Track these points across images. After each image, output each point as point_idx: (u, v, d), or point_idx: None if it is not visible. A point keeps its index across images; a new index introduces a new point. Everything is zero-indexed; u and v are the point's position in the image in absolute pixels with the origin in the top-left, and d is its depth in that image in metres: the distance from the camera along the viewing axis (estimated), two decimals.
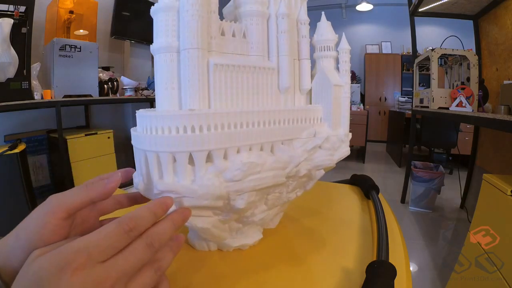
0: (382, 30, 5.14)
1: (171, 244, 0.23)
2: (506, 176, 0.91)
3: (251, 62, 0.32)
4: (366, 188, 0.53)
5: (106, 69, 2.29)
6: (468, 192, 2.07)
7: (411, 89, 2.34)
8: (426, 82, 2.27)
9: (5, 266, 0.20)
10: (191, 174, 0.27)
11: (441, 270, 1.39)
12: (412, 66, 2.18)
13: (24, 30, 1.54)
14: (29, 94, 1.59)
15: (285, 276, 0.31)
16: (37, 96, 1.69)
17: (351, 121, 0.39)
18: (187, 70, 0.28)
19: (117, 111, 2.69)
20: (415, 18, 2.14)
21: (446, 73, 1.98)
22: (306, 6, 0.37)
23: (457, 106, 1.61)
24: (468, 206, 2.03)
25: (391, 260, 0.30)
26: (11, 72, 1.50)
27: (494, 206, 0.89)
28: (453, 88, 1.75)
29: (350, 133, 0.39)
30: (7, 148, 1.40)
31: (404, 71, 4.91)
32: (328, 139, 0.36)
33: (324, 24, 0.38)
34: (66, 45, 1.77)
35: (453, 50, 1.71)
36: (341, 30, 0.39)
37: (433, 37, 4.10)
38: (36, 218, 0.21)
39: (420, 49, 3.15)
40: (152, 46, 0.29)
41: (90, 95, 1.97)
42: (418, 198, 2.07)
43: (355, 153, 3.74)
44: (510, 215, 0.80)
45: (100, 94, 2.06)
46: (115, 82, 2.20)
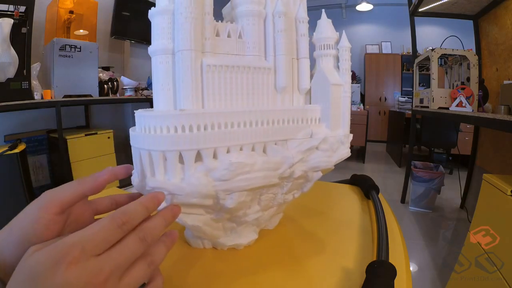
0: (382, 30, 5.13)
1: (165, 239, 0.24)
2: (506, 176, 0.91)
3: (246, 62, 0.32)
4: (366, 188, 0.53)
5: (106, 69, 2.29)
6: (468, 192, 2.07)
7: (411, 89, 2.34)
8: (426, 82, 2.27)
9: None
10: (181, 173, 0.28)
11: (441, 270, 1.39)
12: (412, 66, 2.18)
13: (24, 30, 1.54)
14: (29, 94, 1.59)
15: (284, 275, 0.31)
16: (37, 96, 1.69)
17: (351, 121, 0.37)
18: (181, 71, 0.29)
19: (117, 111, 2.69)
20: (415, 18, 2.14)
21: (446, 73, 1.98)
22: (306, 4, 0.36)
23: (457, 106, 1.61)
24: (468, 206, 2.03)
25: (391, 260, 0.30)
26: (11, 72, 1.50)
27: (494, 206, 0.89)
28: (453, 88, 1.75)
29: (351, 134, 0.38)
30: (7, 148, 1.40)
31: (404, 71, 4.91)
32: (325, 140, 0.35)
33: (324, 22, 0.37)
34: (66, 45, 1.77)
35: (453, 50, 1.71)
36: (341, 30, 0.38)
37: (433, 37, 4.09)
38: (29, 213, 0.21)
39: (420, 49, 3.15)
40: (149, 48, 0.30)
41: (90, 95, 1.97)
42: (418, 198, 2.07)
43: (355, 153, 3.74)
44: (510, 215, 0.80)
45: (100, 94, 2.06)
46: (115, 82, 2.20)
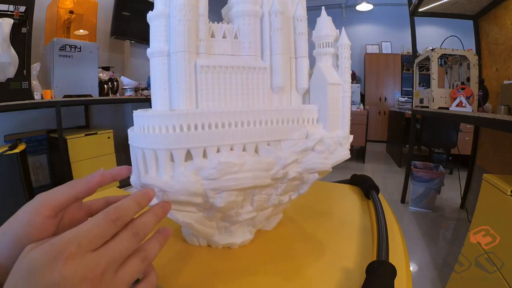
0: (382, 30, 5.13)
1: (158, 236, 0.24)
2: (506, 176, 0.90)
3: (241, 62, 0.32)
4: (366, 188, 0.53)
5: (106, 69, 2.29)
6: (468, 192, 2.07)
7: (411, 89, 2.34)
8: (426, 82, 2.27)
9: None
10: (171, 170, 0.29)
11: (441, 270, 1.39)
12: (412, 66, 2.18)
13: (24, 30, 1.54)
14: (29, 94, 1.59)
15: (283, 275, 0.31)
16: (37, 96, 1.69)
17: (351, 121, 0.36)
18: (175, 72, 0.30)
19: (117, 111, 2.68)
20: (415, 18, 2.14)
21: (446, 73, 1.98)
22: (305, 3, 0.36)
23: (457, 106, 1.61)
24: (468, 206, 2.03)
25: (391, 260, 0.30)
26: (11, 72, 1.49)
27: (494, 206, 0.89)
28: (453, 88, 1.75)
29: (351, 135, 0.37)
30: (7, 148, 1.40)
31: (404, 71, 4.91)
32: (322, 141, 0.34)
33: (323, 19, 0.37)
34: (66, 45, 1.77)
35: (453, 50, 1.71)
36: (341, 29, 0.38)
37: (433, 37, 4.09)
38: (22, 216, 0.22)
39: (420, 49, 3.15)
40: (147, 50, 0.31)
41: (90, 95, 1.97)
42: (418, 198, 2.07)
43: (355, 153, 3.74)
44: (510, 215, 0.80)
45: (100, 94, 2.06)
46: (115, 82, 2.20)
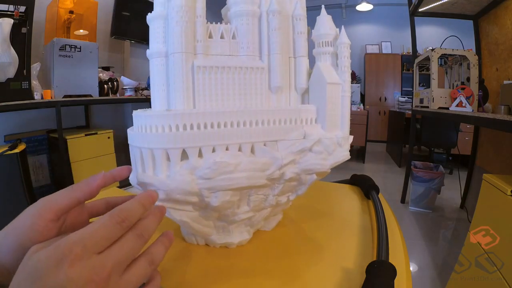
0: (382, 30, 5.13)
1: (163, 239, 0.24)
2: (506, 176, 0.90)
3: (239, 62, 0.32)
4: (366, 188, 0.53)
5: (106, 69, 2.29)
6: (468, 192, 2.07)
7: (411, 89, 2.34)
8: (426, 82, 2.26)
9: None
10: (167, 170, 0.29)
11: (441, 270, 1.39)
12: (412, 66, 2.18)
13: (24, 30, 1.53)
14: (29, 94, 1.59)
15: (282, 275, 0.31)
16: (37, 96, 1.69)
17: (351, 121, 0.36)
18: (173, 73, 0.30)
19: (117, 111, 2.68)
20: (415, 18, 2.14)
21: (446, 73, 1.98)
22: (304, 2, 0.35)
23: (457, 106, 1.61)
24: (468, 206, 2.03)
25: (391, 260, 0.30)
26: (11, 72, 1.49)
27: (494, 206, 0.89)
28: (453, 88, 1.75)
29: (351, 135, 0.36)
30: (7, 148, 1.39)
31: (404, 71, 4.90)
32: (320, 142, 0.34)
33: (323, 18, 0.36)
34: (66, 45, 1.77)
35: (453, 50, 1.71)
36: (340, 28, 0.37)
37: (433, 37, 4.09)
38: (24, 219, 0.22)
39: (420, 49, 3.15)
40: (147, 52, 0.32)
41: (90, 95, 1.97)
42: (418, 198, 2.07)
43: (355, 153, 3.74)
44: (510, 215, 0.80)
45: (100, 94, 2.06)
46: (115, 82, 2.20)
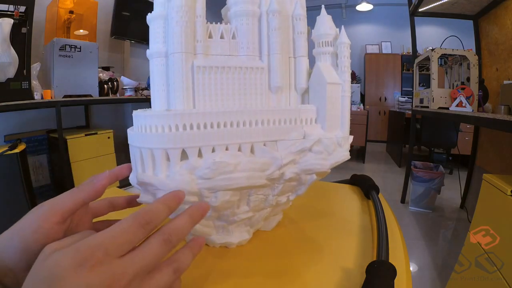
0: (382, 30, 5.13)
1: (192, 245, 0.23)
2: (506, 176, 0.91)
3: (238, 62, 0.32)
4: (366, 188, 0.53)
5: (106, 69, 2.29)
6: (468, 192, 2.07)
7: (411, 89, 2.34)
8: (426, 82, 2.27)
9: None
10: (167, 169, 0.29)
11: (441, 270, 1.39)
12: (412, 66, 2.18)
13: (24, 30, 1.54)
14: (29, 94, 1.59)
15: (282, 275, 0.31)
16: (37, 96, 1.69)
17: (351, 121, 0.36)
18: (172, 73, 0.30)
19: (117, 111, 2.68)
20: (415, 18, 2.14)
21: (446, 73, 1.98)
22: (304, 2, 0.35)
23: (457, 106, 1.61)
24: (468, 206, 2.03)
25: (391, 260, 0.30)
26: (11, 72, 1.49)
27: (494, 206, 0.89)
28: (453, 88, 1.75)
29: (351, 135, 0.36)
30: (7, 148, 1.40)
31: (404, 71, 4.91)
32: (320, 142, 0.34)
33: (323, 18, 0.36)
34: (66, 45, 1.77)
35: (453, 50, 1.71)
36: (340, 28, 0.37)
37: (433, 37, 4.09)
38: (30, 222, 0.21)
39: (420, 49, 3.15)
40: (147, 52, 0.32)
41: (90, 95, 1.97)
42: (418, 198, 2.07)
43: (355, 153, 3.74)
44: (510, 215, 0.80)
45: (100, 94, 2.06)
46: (115, 82, 2.20)
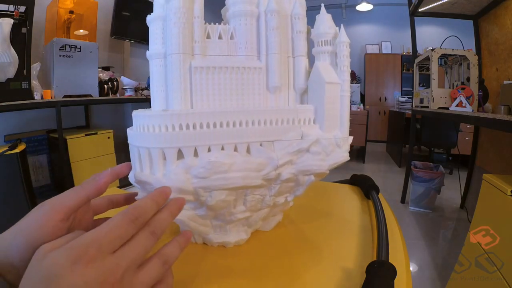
0: (382, 30, 5.13)
1: (179, 239, 0.24)
2: (506, 176, 0.90)
3: (236, 62, 0.32)
4: (366, 188, 0.53)
5: (106, 69, 2.29)
6: (468, 192, 2.07)
7: (411, 89, 2.34)
8: (426, 82, 2.26)
9: (2, 261, 0.20)
10: (164, 168, 0.29)
11: (441, 270, 1.39)
12: (412, 66, 2.18)
13: (24, 30, 1.54)
14: (29, 94, 1.59)
15: (282, 275, 0.31)
16: (37, 96, 1.69)
17: (351, 121, 0.36)
18: (171, 73, 0.30)
19: (117, 111, 2.68)
20: (415, 18, 2.14)
21: (446, 73, 1.98)
22: (304, 1, 0.35)
23: (457, 106, 1.61)
24: (468, 206, 2.03)
25: (391, 260, 0.30)
26: (11, 72, 1.49)
27: (494, 206, 0.89)
28: (453, 88, 1.75)
29: (351, 136, 0.36)
30: (7, 148, 1.40)
31: (404, 71, 4.91)
32: (317, 142, 0.33)
33: (322, 17, 0.36)
34: (66, 45, 1.77)
35: (453, 50, 1.71)
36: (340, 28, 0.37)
37: (433, 37, 4.09)
38: (34, 219, 0.22)
39: (420, 49, 3.15)
40: (147, 53, 0.32)
41: (90, 95, 1.97)
42: (418, 198, 2.07)
43: (355, 153, 3.74)
44: (510, 215, 0.80)
45: (100, 94, 2.06)
46: (115, 82, 2.20)
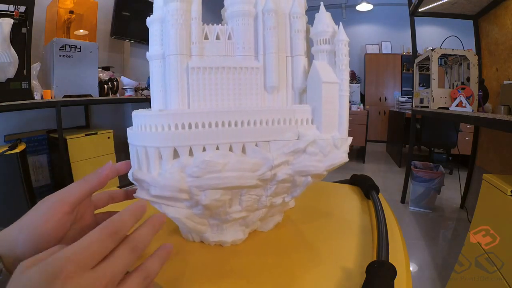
0: (382, 30, 5.13)
1: (160, 253, 0.23)
2: (506, 176, 0.90)
3: (233, 62, 0.32)
4: (366, 188, 0.53)
5: (106, 69, 2.29)
6: (468, 192, 2.07)
7: (411, 89, 2.34)
8: (426, 82, 2.26)
9: (8, 255, 0.21)
10: (160, 167, 0.30)
11: (441, 270, 1.39)
12: (412, 66, 2.18)
13: (24, 30, 1.53)
14: (29, 94, 1.59)
15: (281, 275, 0.31)
16: (37, 96, 1.68)
17: (351, 121, 0.36)
18: (168, 74, 0.31)
19: (117, 111, 2.68)
20: (415, 18, 2.14)
21: (446, 73, 1.97)
22: (302, 0, 0.35)
23: (457, 106, 1.61)
24: (468, 206, 2.03)
25: (391, 260, 0.30)
26: (11, 72, 1.49)
27: (494, 206, 0.89)
28: (453, 88, 1.75)
29: (350, 137, 0.35)
30: (7, 148, 1.39)
31: (404, 71, 4.90)
32: (314, 143, 0.33)
33: (321, 15, 0.35)
34: (66, 45, 1.77)
35: (453, 50, 1.71)
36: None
37: (433, 37, 4.09)
38: (40, 212, 0.22)
39: (420, 49, 3.15)
40: (147, 54, 0.33)
41: (90, 95, 1.97)
42: (418, 198, 2.07)
43: (355, 153, 3.74)
44: (510, 215, 0.80)
45: (100, 94, 2.06)
46: (115, 82, 2.20)
